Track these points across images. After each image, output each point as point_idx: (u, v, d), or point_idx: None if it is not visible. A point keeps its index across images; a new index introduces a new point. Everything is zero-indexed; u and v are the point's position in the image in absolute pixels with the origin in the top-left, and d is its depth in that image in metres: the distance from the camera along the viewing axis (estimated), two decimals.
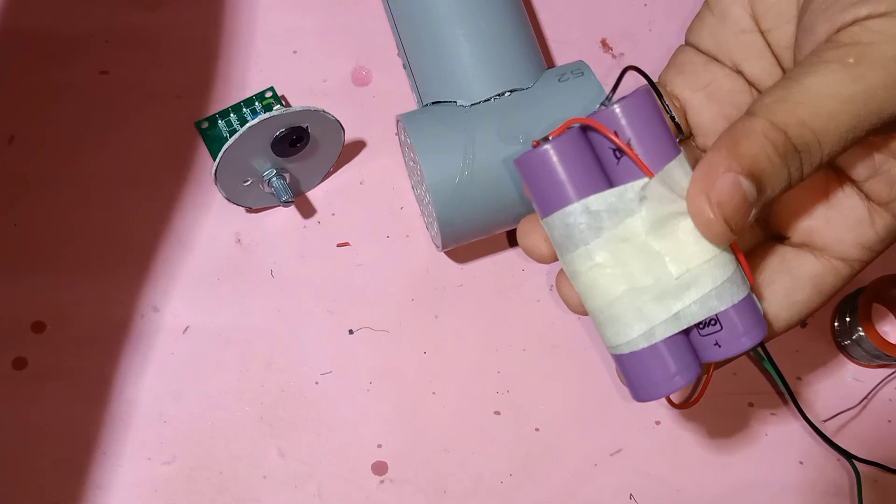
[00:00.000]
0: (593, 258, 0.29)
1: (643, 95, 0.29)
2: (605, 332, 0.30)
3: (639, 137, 0.29)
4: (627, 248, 0.29)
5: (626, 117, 0.29)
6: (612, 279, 0.29)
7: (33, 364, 0.40)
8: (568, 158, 0.29)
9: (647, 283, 0.29)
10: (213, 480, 0.39)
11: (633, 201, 0.29)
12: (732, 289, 0.29)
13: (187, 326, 0.41)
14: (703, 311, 0.29)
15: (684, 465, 0.41)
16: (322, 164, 0.41)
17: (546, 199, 0.29)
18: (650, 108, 0.29)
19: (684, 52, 0.35)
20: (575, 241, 0.29)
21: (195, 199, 0.42)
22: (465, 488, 0.40)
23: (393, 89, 0.43)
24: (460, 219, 0.38)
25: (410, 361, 0.41)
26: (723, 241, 0.28)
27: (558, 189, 0.29)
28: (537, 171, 0.29)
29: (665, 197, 0.28)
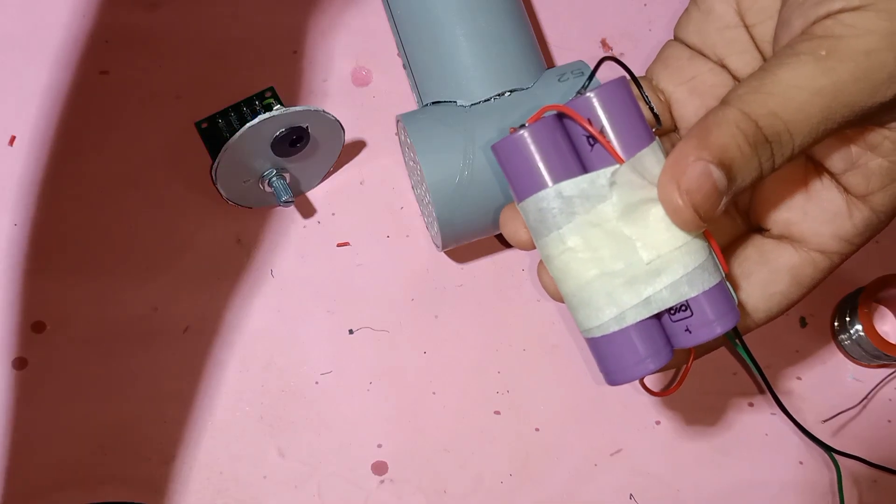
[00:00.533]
0: (565, 242, 0.29)
1: (618, 84, 0.30)
2: (578, 315, 0.30)
3: (612, 125, 0.29)
4: (598, 233, 0.29)
5: (600, 105, 0.29)
6: (583, 263, 0.30)
7: (33, 364, 0.40)
8: (542, 144, 0.29)
9: (618, 268, 0.29)
10: (213, 480, 0.39)
11: (604, 187, 0.29)
12: (704, 276, 0.30)
13: (187, 326, 0.41)
14: (674, 297, 0.30)
15: (684, 465, 0.41)
16: (322, 164, 0.41)
17: (521, 184, 0.30)
18: (624, 97, 0.30)
19: (671, 46, 0.36)
20: (548, 225, 0.30)
21: (195, 199, 0.42)
22: (465, 488, 0.40)
23: (393, 89, 0.43)
24: (460, 219, 0.38)
25: (410, 361, 0.41)
26: (692, 229, 0.29)
27: (533, 174, 0.29)
28: (513, 156, 0.30)
29: (635, 183, 0.29)
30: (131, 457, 0.39)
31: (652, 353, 0.30)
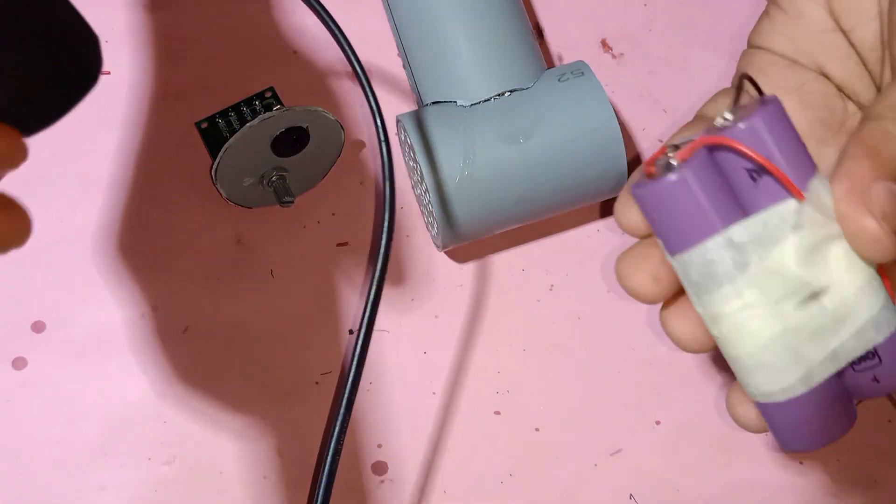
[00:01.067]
0: (742, 297, 0.26)
1: (778, 107, 0.26)
2: (755, 379, 0.27)
3: (781, 155, 0.26)
4: (777, 283, 0.26)
5: (767, 133, 0.26)
6: (764, 320, 0.26)
7: (33, 364, 0.40)
8: (703, 186, 0.25)
9: (802, 320, 0.26)
10: (213, 480, 0.39)
11: (778, 228, 0.26)
12: (890, 316, 0.27)
13: (187, 326, 0.41)
14: (862, 345, 0.27)
15: (684, 465, 0.41)
16: (322, 164, 0.41)
17: (678, 234, 0.26)
18: (787, 121, 0.26)
19: (759, 55, 0.32)
20: (718, 279, 0.26)
21: (195, 199, 0.42)
22: (465, 488, 0.40)
23: (393, 89, 0.43)
24: (460, 219, 0.38)
25: (410, 361, 0.41)
26: (890, 257, 0.25)
27: (695, 222, 0.25)
28: (667, 203, 0.25)
29: (816, 220, 0.26)
30: (131, 457, 0.39)
31: (841, 413, 0.27)
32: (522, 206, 0.38)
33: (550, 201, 0.39)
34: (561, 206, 0.39)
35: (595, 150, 0.38)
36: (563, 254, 0.42)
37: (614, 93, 0.44)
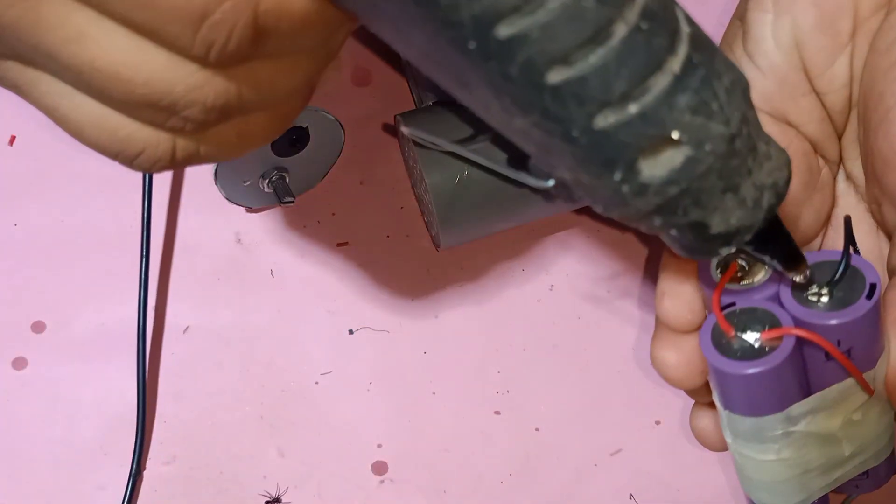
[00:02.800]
0: (779, 454, 0.27)
1: (875, 307, 0.25)
2: (759, 494, 0.29)
3: (862, 346, 0.26)
4: (814, 441, 0.27)
5: (859, 327, 0.25)
6: (789, 468, 0.27)
7: (33, 364, 0.40)
8: (781, 375, 0.25)
9: (820, 462, 0.28)
10: (213, 480, 0.39)
11: (835, 401, 0.26)
12: (889, 447, 0.29)
13: (187, 326, 0.41)
14: (859, 470, 0.28)
15: (684, 465, 0.41)
16: (322, 164, 0.41)
17: (741, 404, 0.26)
18: (877, 314, 0.26)
19: None
20: (762, 440, 0.27)
21: (195, 199, 0.42)
22: (465, 488, 0.40)
23: (393, 89, 0.43)
24: (460, 219, 0.38)
25: (410, 361, 0.41)
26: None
27: (763, 402, 0.26)
28: (741, 384, 0.26)
29: (875, 402, 0.27)
30: (131, 457, 0.39)
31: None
32: (522, 206, 0.38)
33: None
34: (561, 206, 0.39)
35: None
36: (563, 254, 0.42)
37: None
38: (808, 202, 0.32)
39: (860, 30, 0.31)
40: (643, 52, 0.20)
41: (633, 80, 0.20)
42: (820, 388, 0.26)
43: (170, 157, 0.22)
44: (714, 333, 0.26)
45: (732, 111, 0.21)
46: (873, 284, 0.25)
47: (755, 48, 0.32)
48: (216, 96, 0.21)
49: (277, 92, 0.22)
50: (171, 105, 0.20)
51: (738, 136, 0.22)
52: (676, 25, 0.21)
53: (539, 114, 0.20)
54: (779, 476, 0.27)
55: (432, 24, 0.19)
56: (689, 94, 0.21)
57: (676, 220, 0.22)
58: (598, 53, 0.20)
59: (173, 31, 0.19)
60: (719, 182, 0.22)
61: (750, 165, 0.22)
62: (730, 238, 0.23)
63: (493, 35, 0.19)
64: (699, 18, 0.23)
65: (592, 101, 0.20)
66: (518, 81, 0.20)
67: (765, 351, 0.25)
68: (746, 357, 0.25)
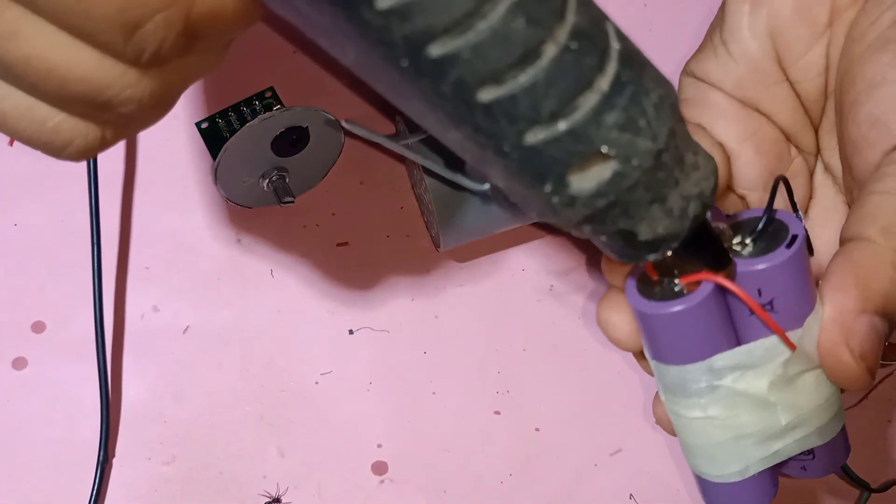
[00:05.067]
0: (705, 411, 0.27)
1: (797, 257, 0.25)
2: (696, 461, 0.29)
3: (786, 299, 0.26)
4: (743, 402, 0.27)
5: (782, 276, 0.25)
6: (718, 428, 0.27)
7: (33, 364, 0.40)
8: (701, 320, 0.26)
9: (755, 430, 0.27)
10: (213, 480, 0.39)
11: (761, 358, 0.26)
12: (835, 424, 0.28)
13: (187, 326, 0.41)
14: (801, 447, 0.28)
15: (684, 465, 0.41)
16: (322, 164, 0.41)
17: (664, 351, 0.27)
18: (803, 269, 0.26)
19: (710, 92, 0.32)
20: (688, 393, 0.27)
21: (195, 199, 0.42)
22: (465, 488, 0.40)
23: None
24: (460, 219, 0.38)
25: (410, 361, 0.41)
26: (863, 389, 0.27)
27: (683, 348, 0.26)
28: (662, 325, 0.26)
29: (800, 359, 0.26)
30: (131, 457, 0.39)
31: (765, 495, 0.29)
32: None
33: None
34: None
35: None
36: (563, 254, 0.42)
37: None
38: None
39: (837, 20, 0.31)
40: (572, 72, 0.20)
41: (562, 99, 0.20)
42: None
43: (97, 147, 0.22)
44: (640, 281, 0.26)
45: (660, 126, 0.22)
46: (795, 235, 0.25)
47: (730, 36, 0.32)
48: (151, 93, 0.21)
49: (199, 76, 0.22)
50: (106, 102, 0.21)
51: (665, 150, 0.22)
52: (606, 43, 0.22)
53: (471, 128, 0.21)
54: (711, 438, 0.27)
55: (366, 41, 0.19)
56: (618, 112, 0.21)
57: (605, 228, 0.23)
58: (528, 73, 0.20)
59: (106, 37, 0.19)
60: (646, 194, 0.22)
61: (677, 177, 0.23)
62: (657, 245, 0.24)
63: (424, 54, 0.19)
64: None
65: (522, 119, 0.20)
66: (450, 98, 0.20)
67: (684, 294, 0.26)
68: (667, 300, 0.26)
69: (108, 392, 0.39)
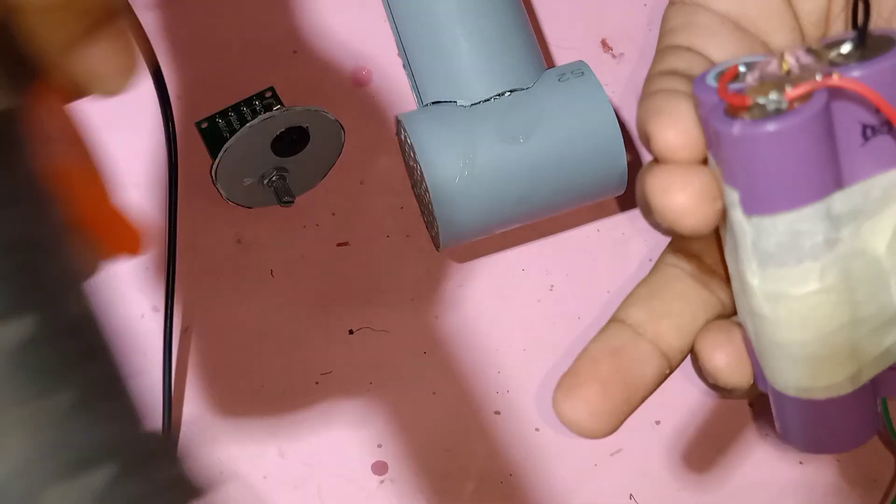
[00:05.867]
0: (823, 280, 0.22)
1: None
2: (798, 372, 0.23)
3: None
4: (861, 265, 0.22)
5: (889, 84, 0.21)
6: (835, 308, 0.22)
7: None
8: (817, 141, 0.21)
9: (870, 312, 0.22)
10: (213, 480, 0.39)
11: (878, 202, 0.22)
12: None
13: (187, 326, 0.41)
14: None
15: (684, 465, 0.41)
16: (322, 164, 0.41)
17: (769, 193, 0.21)
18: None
19: (699, 13, 0.29)
20: (801, 254, 0.21)
21: (195, 199, 0.42)
22: (465, 488, 0.40)
23: (393, 89, 0.43)
24: (460, 218, 0.38)
25: (410, 361, 0.41)
26: None
27: (796, 183, 0.21)
28: (765, 153, 0.21)
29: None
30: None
31: (871, 418, 0.24)
32: (522, 206, 0.38)
33: (550, 201, 0.39)
34: (561, 206, 0.39)
35: (595, 149, 0.38)
36: (563, 254, 0.42)
37: (614, 93, 0.44)
38: None
39: None
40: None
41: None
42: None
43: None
44: (726, 113, 0.21)
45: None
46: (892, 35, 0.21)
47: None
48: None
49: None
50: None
51: None
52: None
53: None
54: (826, 325, 0.22)
55: None
56: None
57: None
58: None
59: None
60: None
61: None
62: None
63: None
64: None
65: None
66: None
67: (794, 110, 0.21)
68: (768, 118, 0.21)
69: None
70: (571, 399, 0.27)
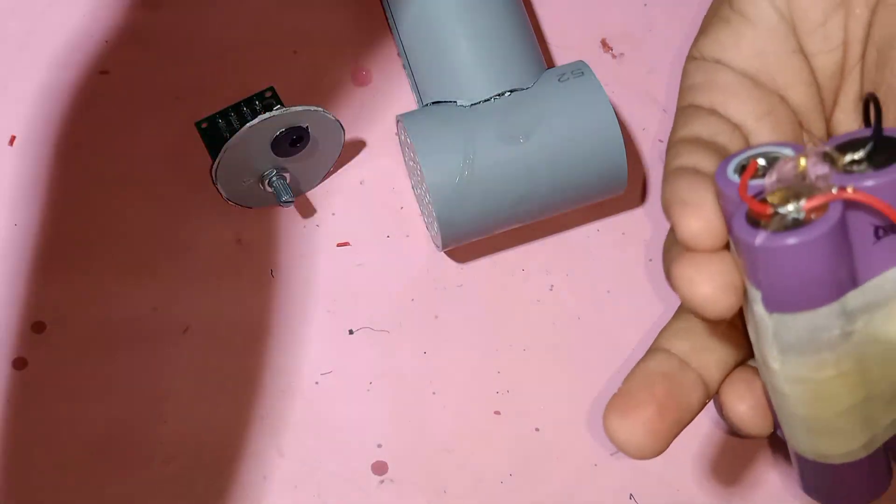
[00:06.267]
0: (839, 366, 0.23)
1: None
2: (816, 441, 0.25)
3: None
4: (875, 350, 0.24)
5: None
6: (851, 388, 0.24)
7: (33, 364, 0.40)
8: (833, 250, 0.22)
9: (884, 388, 0.24)
10: (213, 480, 0.39)
11: (891, 292, 0.23)
12: None
13: (187, 326, 0.41)
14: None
15: (684, 465, 0.41)
16: (322, 164, 0.41)
17: (789, 295, 0.23)
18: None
19: (718, 71, 0.31)
20: (818, 346, 0.23)
21: (195, 199, 0.42)
22: (465, 488, 0.40)
23: (393, 89, 0.43)
24: (460, 219, 0.38)
25: (410, 361, 0.41)
26: None
27: (814, 287, 0.22)
28: (785, 262, 0.22)
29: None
30: (131, 457, 0.39)
31: (886, 473, 0.26)
32: (522, 206, 0.38)
33: (550, 201, 0.39)
34: (561, 206, 0.39)
35: (595, 149, 0.38)
36: (563, 254, 0.42)
37: (614, 93, 0.44)
38: None
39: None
40: None
41: None
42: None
43: None
44: (748, 219, 0.23)
45: None
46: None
47: (746, 1, 0.30)
48: None
49: None
50: None
51: None
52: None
53: None
54: (841, 403, 0.24)
55: None
56: None
57: None
58: None
59: None
60: None
61: None
62: None
63: None
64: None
65: None
66: None
67: (811, 221, 0.22)
68: (790, 230, 0.22)
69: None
70: (627, 419, 0.28)
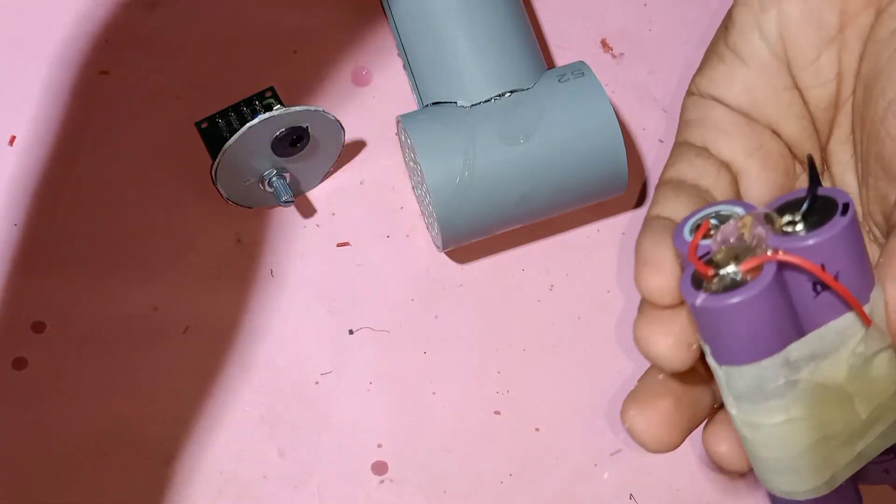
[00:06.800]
0: (788, 412, 0.25)
1: (854, 218, 0.24)
2: (779, 480, 0.27)
3: (849, 273, 0.24)
4: (823, 395, 0.25)
5: (841, 248, 0.24)
6: (804, 431, 0.25)
7: (33, 364, 0.40)
8: (770, 308, 0.24)
9: (838, 429, 0.26)
10: (213, 480, 0.39)
11: (834, 343, 0.25)
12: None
13: (187, 326, 0.41)
14: (884, 444, 0.27)
15: (684, 465, 0.41)
16: (322, 164, 0.41)
17: (732, 349, 0.25)
18: (859, 231, 0.25)
19: (712, 108, 0.32)
20: (766, 394, 0.25)
21: (195, 199, 0.42)
22: (465, 488, 0.40)
23: (393, 89, 0.43)
24: (460, 219, 0.38)
25: (410, 361, 0.41)
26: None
27: (755, 342, 0.24)
28: (727, 320, 0.24)
29: (873, 336, 0.25)
30: (131, 457, 0.39)
31: (853, 501, 0.28)
32: (523, 207, 0.38)
33: (551, 201, 0.39)
34: (561, 207, 0.39)
35: (595, 150, 0.38)
36: (563, 254, 0.42)
37: (614, 93, 0.44)
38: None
39: (849, 25, 0.30)
40: None
41: None
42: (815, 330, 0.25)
43: None
44: (693, 280, 0.25)
45: None
46: (846, 203, 0.24)
47: (739, 38, 0.31)
48: None
49: None
50: None
51: None
52: None
53: None
54: (796, 446, 0.26)
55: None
56: None
57: None
58: None
59: None
60: None
61: None
62: None
63: None
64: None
65: None
66: None
67: (747, 282, 0.24)
68: (729, 290, 0.24)
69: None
70: (646, 409, 0.29)
